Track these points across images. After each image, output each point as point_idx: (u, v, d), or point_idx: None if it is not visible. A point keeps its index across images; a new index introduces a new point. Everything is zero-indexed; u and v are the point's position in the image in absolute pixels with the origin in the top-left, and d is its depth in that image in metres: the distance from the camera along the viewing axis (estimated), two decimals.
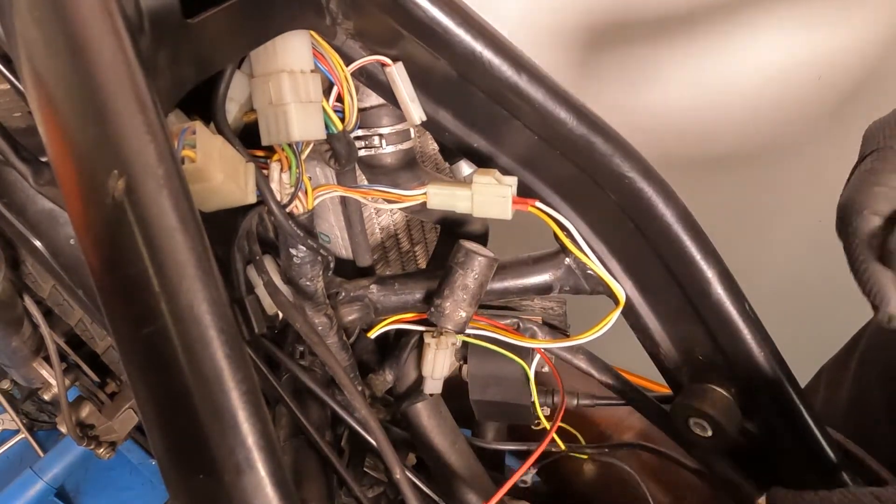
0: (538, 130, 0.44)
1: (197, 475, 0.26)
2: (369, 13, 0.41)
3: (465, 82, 0.43)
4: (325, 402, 0.48)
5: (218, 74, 0.39)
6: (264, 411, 0.27)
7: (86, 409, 0.87)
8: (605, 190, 0.46)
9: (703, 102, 1.10)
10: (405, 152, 0.51)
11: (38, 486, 1.10)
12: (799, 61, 1.03)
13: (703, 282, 0.46)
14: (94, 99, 0.27)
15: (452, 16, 0.39)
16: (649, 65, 1.09)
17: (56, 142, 0.28)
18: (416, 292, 0.52)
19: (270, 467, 0.26)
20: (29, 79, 0.29)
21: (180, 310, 0.26)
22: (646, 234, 0.46)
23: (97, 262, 0.27)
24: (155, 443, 0.27)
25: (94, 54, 0.28)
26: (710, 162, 1.13)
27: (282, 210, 0.42)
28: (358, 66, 0.43)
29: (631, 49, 1.09)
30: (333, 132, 0.44)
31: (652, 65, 1.09)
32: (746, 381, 0.49)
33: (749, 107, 1.08)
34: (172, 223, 0.27)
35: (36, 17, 0.29)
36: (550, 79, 0.43)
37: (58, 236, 0.46)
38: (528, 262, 0.51)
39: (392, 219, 0.62)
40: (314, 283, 0.47)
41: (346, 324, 0.51)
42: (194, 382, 0.26)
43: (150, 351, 0.27)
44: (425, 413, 0.55)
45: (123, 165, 0.27)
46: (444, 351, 0.51)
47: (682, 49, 1.06)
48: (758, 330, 0.47)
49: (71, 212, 0.28)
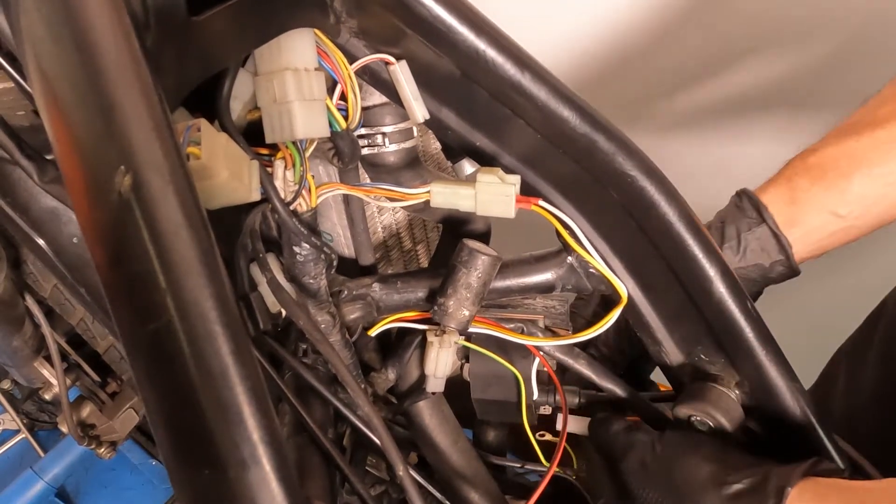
0: (541, 129, 0.44)
1: (202, 470, 0.26)
2: (373, 11, 0.41)
3: (469, 81, 0.43)
4: (328, 400, 0.48)
5: (222, 72, 0.39)
6: (269, 407, 0.27)
7: (87, 409, 0.87)
8: (607, 188, 0.46)
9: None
10: (408, 151, 0.51)
11: (39, 486, 1.10)
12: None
13: (704, 280, 0.46)
14: (101, 95, 0.27)
15: (456, 14, 0.39)
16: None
17: (62, 138, 0.28)
18: (418, 291, 0.52)
19: (275, 463, 0.26)
20: (35, 76, 0.29)
21: (186, 305, 0.26)
22: (648, 233, 0.46)
23: (103, 258, 0.28)
24: (160, 438, 0.27)
25: (101, 51, 0.28)
26: (710, 160, 1.13)
27: (286, 208, 0.42)
28: (362, 65, 0.43)
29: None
30: (337, 130, 0.44)
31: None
32: (748, 380, 0.49)
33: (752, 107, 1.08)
34: (179, 219, 0.27)
35: (42, 14, 0.29)
36: (553, 77, 0.43)
37: (61, 234, 0.46)
38: (530, 261, 0.51)
39: (394, 217, 0.62)
40: (317, 281, 0.47)
41: (348, 322, 0.51)
42: (200, 378, 0.26)
43: (155, 347, 0.27)
44: (427, 412, 0.55)
45: (130, 161, 0.27)
46: (446, 350, 0.51)
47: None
48: (760, 328, 0.47)
49: (77, 208, 0.28)
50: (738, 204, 0.51)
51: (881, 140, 0.49)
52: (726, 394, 0.49)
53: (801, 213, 0.50)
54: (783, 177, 0.51)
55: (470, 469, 0.55)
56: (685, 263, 0.46)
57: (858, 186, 0.49)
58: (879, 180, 0.49)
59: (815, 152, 0.51)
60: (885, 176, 0.49)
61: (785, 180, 0.51)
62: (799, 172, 0.51)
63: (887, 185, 0.49)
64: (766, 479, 0.42)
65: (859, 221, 0.50)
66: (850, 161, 0.49)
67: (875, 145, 0.49)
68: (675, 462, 0.46)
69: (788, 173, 0.51)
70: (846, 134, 0.50)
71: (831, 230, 0.51)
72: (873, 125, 0.49)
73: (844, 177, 0.49)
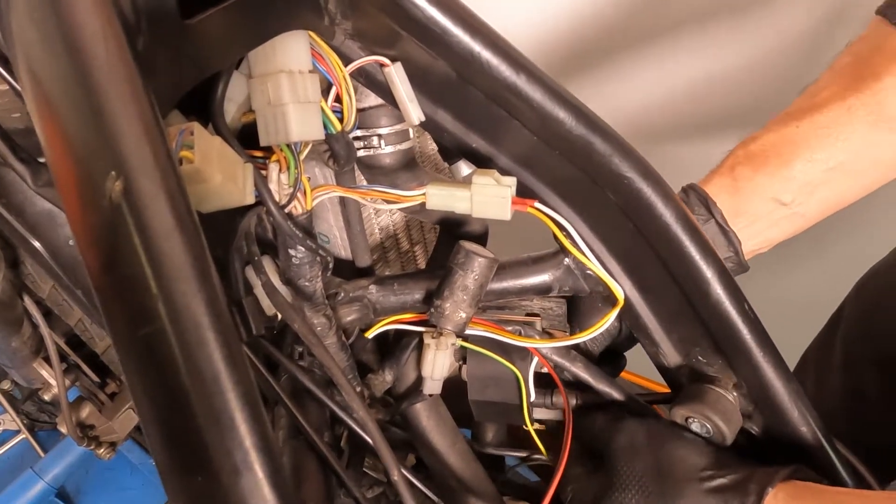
0: (537, 130, 0.44)
1: (195, 477, 0.26)
2: (368, 13, 0.41)
3: (464, 82, 0.43)
4: (324, 403, 0.48)
5: (216, 75, 0.39)
6: (262, 412, 0.27)
7: (86, 410, 0.87)
8: (604, 190, 0.45)
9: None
10: (404, 153, 0.51)
11: (39, 487, 1.10)
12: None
13: (702, 282, 0.46)
14: (91, 100, 0.27)
15: (450, 16, 0.39)
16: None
17: (53, 143, 0.28)
18: (415, 293, 0.52)
19: (268, 469, 0.26)
20: (26, 80, 0.29)
21: (178, 311, 0.26)
22: (645, 234, 0.46)
23: (94, 263, 0.27)
24: (153, 444, 0.27)
25: (91, 55, 0.27)
26: (709, 161, 1.12)
27: (280, 211, 0.42)
28: (356, 67, 0.43)
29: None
30: (332, 132, 0.44)
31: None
32: (746, 382, 0.49)
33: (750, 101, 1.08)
34: (170, 225, 0.27)
35: (33, 18, 0.29)
36: (549, 79, 0.43)
37: (57, 237, 0.46)
38: (527, 263, 0.51)
39: (391, 219, 0.62)
40: (313, 283, 0.47)
41: (345, 324, 0.51)
42: (192, 384, 0.26)
43: (147, 352, 0.27)
44: (424, 413, 0.55)
45: (120, 167, 0.27)
46: (443, 352, 0.51)
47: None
48: (757, 330, 0.47)
49: (68, 213, 0.28)
50: (686, 200, 0.51)
51: (820, 125, 0.49)
52: (724, 396, 0.49)
53: (745, 203, 0.50)
54: (726, 166, 0.51)
55: (467, 471, 0.55)
56: (682, 265, 0.46)
57: (800, 173, 0.49)
58: (820, 165, 0.49)
59: (757, 140, 0.51)
60: (826, 161, 0.49)
61: (728, 170, 0.51)
62: (741, 161, 0.51)
63: (828, 171, 0.49)
64: (748, 477, 0.43)
65: (803, 209, 0.50)
66: (790, 147, 0.49)
67: (814, 130, 0.49)
68: (663, 447, 0.46)
69: (731, 162, 0.51)
70: (786, 121, 0.50)
71: (775, 218, 0.50)
72: (812, 111, 0.49)
73: (786, 164, 0.49)
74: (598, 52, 1.06)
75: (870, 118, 0.48)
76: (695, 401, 0.48)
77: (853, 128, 0.48)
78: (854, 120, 0.48)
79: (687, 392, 0.50)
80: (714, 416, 0.47)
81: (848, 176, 0.50)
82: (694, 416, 0.48)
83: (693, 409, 0.48)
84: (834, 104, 0.49)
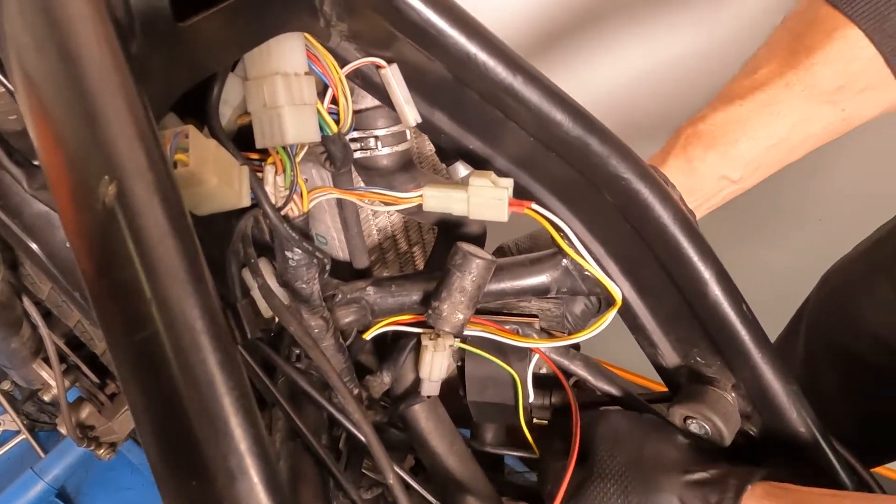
0: (534, 132, 0.44)
1: (190, 481, 0.26)
2: (363, 15, 0.41)
3: (461, 84, 0.42)
4: (322, 405, 0.48)
5: (211, 77, 0.39)
6: (257, 417, 0.27)
7: (86, 410, 0.87)
8: (601, 191, 0.45)
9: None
10: (401, 154, 0.51)
11: (39, 487, 1.10)
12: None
13: (700, 283, 0.46)
14: (84, 104, 0.27)
15: (446, 17, 0.39)
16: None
17: (47, 147, 0.28)
18: (413, 294, 0.52)
19: (263, 473, 0.26)
20: (19, 83, 0.29)
21: (172, 316, 0.26)
22: (643, 235, 0.46)
23: (89, 267, 0.27)
24: (148, 448, 0.27)
25: (84, 59, 0.27)
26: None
27: (276, 213, 0.42)
28: (352, 69, 0.43)
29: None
30: (328, 134, 0.44)
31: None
32: (745, 383, 0.49)
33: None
34: (163, 228, 0.27)
35: (26, 21, 0.28)
36: (546, 80, 0.43)
37: (53, 239, 0.46)
38: (525, 264, 0.51)
39: (389, 220, 0.62)
40: (310, 285, 0.47)
41: (342, 326, 0.51)
42: (186, 388, 0.26)
43: (142, 357, 0.27)
44: (423, 415, 0.54)
45: (114, 171, 0.27)
46: (441, 353, 0.51)
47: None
48: (756, 331, 0.47)
49: (63, 217, 0.28)
50: None
51: (762, 103, 0.50)
52: (724, 396, 0.49)
53: (699, 182, 0.52)
54: (678, 146, 0.53)
55: (466, 472, 0.55)
56: (680, 266, 0.46)
57: (746, 151, 0.51)
58: (762, 143, 0.51)
59: (705, 119, 0.52)
60: (768, 139, 0.51)
61: (681, 150, 0.52)
62: (692, 141, 0.52)
63: (769, 148, 0.51)
64: (728, 473, 0.44)
65: (746, 183, 0.53)
66: (736, 126, 0.51)
67: (757, 108, 0.50)
68: (647, 440, 0.47)
69: (682, 142, 0.53)
70: (730, 99, 0.52)
71: (724, 194, 0.54)
72: (753, 89, 0.51)
73: (733, 143, 0.51)
74: (575, 31, 1.06)
75: (805, 93, 0.49)
76: (694, 400, 0.48)
77: (791, 104, 0.49)
78: (792, 96, 0.49)
79: (686, 392, 0.50)
80: (714, 416, 0.47)
81: (786, 150, 0.52)
82: (693, 415, 0.48)
83: (692, 409, 0.48)
84: (773, 81, 0.50)
